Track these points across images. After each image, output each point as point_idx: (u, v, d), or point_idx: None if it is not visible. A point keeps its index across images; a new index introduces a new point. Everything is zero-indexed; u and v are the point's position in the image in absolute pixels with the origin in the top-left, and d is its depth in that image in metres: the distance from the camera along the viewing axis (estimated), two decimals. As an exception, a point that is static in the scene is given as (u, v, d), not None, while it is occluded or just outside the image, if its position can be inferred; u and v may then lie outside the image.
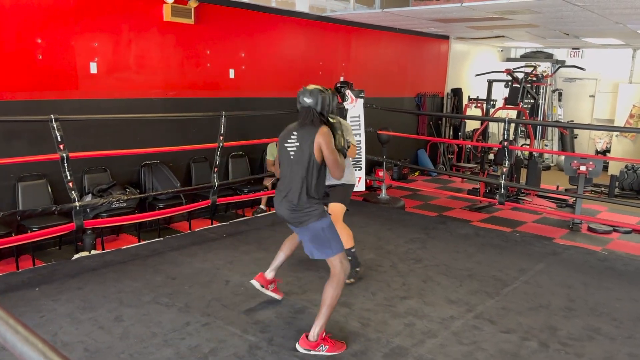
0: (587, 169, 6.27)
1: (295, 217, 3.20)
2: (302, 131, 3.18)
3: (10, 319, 0.78)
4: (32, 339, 0.74)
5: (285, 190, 3.22)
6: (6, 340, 0.75)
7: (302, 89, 3.25)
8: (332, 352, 3.16)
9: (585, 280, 4.50)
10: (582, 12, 6.20)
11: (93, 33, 5.33)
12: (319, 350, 3.15)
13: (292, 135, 3.22)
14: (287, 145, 3.23)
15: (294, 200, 3.16)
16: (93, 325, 3.45)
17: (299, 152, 3.16)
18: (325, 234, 3.19)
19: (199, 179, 6.30)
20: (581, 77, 11.39)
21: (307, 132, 3.15)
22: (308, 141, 3.13)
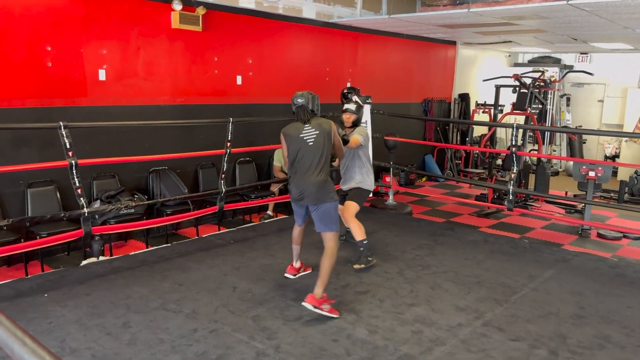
0: (596, 175, 6.22)
1: (319, 195, 3.89)
2: (314, 122, 3.98)
3: (17, 330, 0.77)
4: (40, 352, 0.74)
5: (312, 171, 3.89)
6: (14, 353, 0.75)
7: (295, 94, 4.06)
8: (331, 313, 3.70)
9: (595, 288, 4.46)
10: (590, 17, 6.18)
11: (102, 40, 5.37)
12: (322, 308, 3.68)
13: (305, 127, 3.97)
14: (303, 135, 3.95)
15: (321, 180, 3.89)
16: (101, 331, 3.46)
17: (318, 138, 3.93)
18: (334, 213, 3.95)
19: (207, 185, 6.32)
20: (589, 82, 11.34)
21: (320, 123, 3.99)
22: (325, 130, 3.97)
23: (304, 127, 3.98)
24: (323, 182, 3.91)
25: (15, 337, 0.74)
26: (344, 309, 3.89)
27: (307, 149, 3.94)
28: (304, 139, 3.95)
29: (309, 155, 3.93)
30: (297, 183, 3.97)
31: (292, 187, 4.03)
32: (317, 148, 3.93)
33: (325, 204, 3.91)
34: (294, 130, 4.01)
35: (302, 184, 3.94)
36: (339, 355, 3.22)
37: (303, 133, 3.97)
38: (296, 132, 3.99)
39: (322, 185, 3.90)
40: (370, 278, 4.53)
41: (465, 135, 10.49)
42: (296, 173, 3.98)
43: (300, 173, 3.96)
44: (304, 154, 3.94)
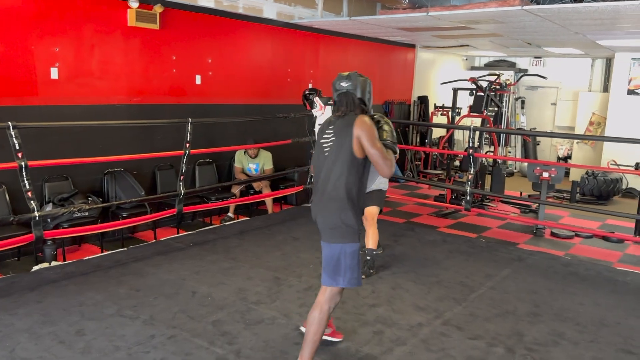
0: (550, 176, 6.41)
1: (327, 227, 2.82)
2: (340, 122, 2.80)
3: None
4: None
5: (322, 192, 2.82)
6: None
7: (337, 75, 2.92)
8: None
9: (549, 286, 4.59)
10: (543, 23, 6.37)
11: (54, 37, 5.18)
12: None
13: (329, 128, 2.85)
14: (323, 141, 2.86)
15: (332, 208, 2.77)
16: (53, 339, 3.32)
17: (335, 147, 2.77)
18: (344, 261, 2.80)
19: (165, 187, 6.18)
20: (543, 85, 11.71)
21: (344, 123, 2.77)
22: (346, 133, 2.73)
23: (328, 127, 2.88)
24: (334, 210, 2.78)
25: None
26: (306, 311, 3.86)
27: (322, 158, 2.86)
28: (322, 145, 2.87)
29: (323, 167, 2.84)
30: (312, 204, 2.96)
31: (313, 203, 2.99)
32: (331, 161, 2.79)
33: (332, 245, 2.82)
34: (322, 128, 2.92)
35: (314, 206, 2.92)
36: (301, 359, 3.20)
37: (324, 137, 2.88)
38: (321, 132, 2.91)
39: (333, 215, 2.78)
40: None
41: (424, 137, 10.65)
42: (315, 187, 2.93)
43: (315, 190, 2.92)
44: (320, 165, 2.88)
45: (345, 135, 2.74)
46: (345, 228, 2.78)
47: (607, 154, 9.75)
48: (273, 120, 7.06)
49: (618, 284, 4.73)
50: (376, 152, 2.69)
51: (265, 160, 6.91)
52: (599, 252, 5.96)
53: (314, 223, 2.96)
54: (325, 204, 2.81)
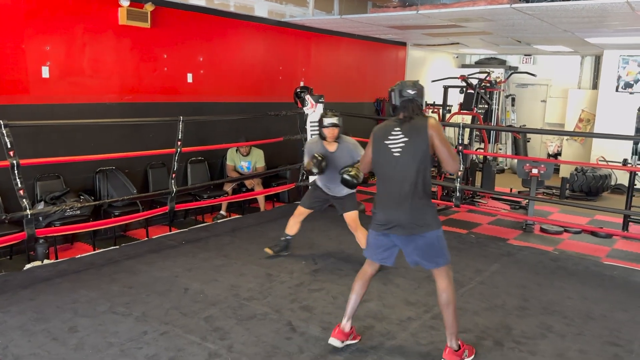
0: (539, 172, 6.49)
1: (416, 222, 3.02)
2: (407, 125, 3.04)
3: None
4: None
5: (396, 194, 3.04)
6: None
7: (398, 82, 3.17)
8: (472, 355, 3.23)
9: (538, 280, 4.65)
10: (532, 21, 6.44)
11: (45, 36, 5.18)
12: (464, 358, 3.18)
13: (394, 131, 3.06)
14: (389, 143, 3.05)
15: (418, 204, 3.02)
16: (46, 336, 3.35)
17: (409, 147, 3.00)
18: (440, 243, 3.09)
19: (157, 185, 6.20)
20: (533, 83, 11.80)
21: (414, 125, 3.02)
22: (419, 134, 2.99)
23: (393, 130, 3.07)
24: (421, 205, 3.04)
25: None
26: (298, 306, 3.91)
27: (391, 160, 3.06)
28: (390, 147, 3.06)
29: (396, 168, 3.04)
30: (384, 206, 3.13)
31: (377, 209, 3.16)
32: (404, 162, 3.01)
33: (426, 232, 3.05)
34: (382, 132, 3.11)
35: (389, 208, 3.09)
36: (292, 353, 3.24)
37: (391, 139, 3.07)
38: (383, 135, 3.09)
39: (420, 209, 3.04)
40: (324, 276, 4.57)
41: (415, 134, 10.67)
42: (382, 192, 3.16)
43: (386, 193, 3.12)
44: (389, 167, 3.08)
45: (419, 135, 3.00)
46: (432, 217, 3.10)
47: (596, 151, 9.86)
48: (265, 118, 7.09)
49: (605, 278, 4.81)
50: (446, 149, 2.99)
51: (257, 158, 6.94)
52: (587, 247, 6.03)
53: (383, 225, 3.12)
54: (410, 202, 3.03)
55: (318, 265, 4.84)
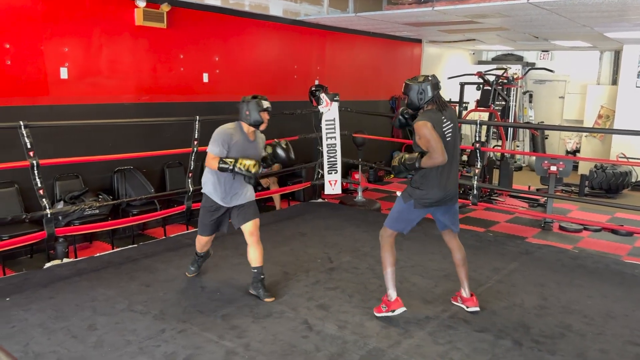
0: (558, 169, 6.40)
1: (455, 192, 3.69)
2: (447, 113, 3.52)
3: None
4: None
5: (454, 169, 3.60)
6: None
7: (430, 77, 3.57)
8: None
9: (557, 279, 4.59)
10: (550, 16, 6.35)
11: (63, 38, 5.25)
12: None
13: (443, 119, 3.48)
14: (445, 130, 3.48)
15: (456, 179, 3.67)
16: (66, 334, 3.39)
17: (454, 132, 3.54)
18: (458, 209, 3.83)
19: (174, 184, 6.25)
20: (551, 79, 11.65)
21: (451, 113, 3.56)
22: (456, 122, 3.58)
23: (442, 118, 3.48)
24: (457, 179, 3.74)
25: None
26: (314, 305, 3.91)
27: (446, 143, 3.47)
28: (445, 132, 3.49)
29: (450, 150, 3.49)
30: (444, 183, 3.56)
31: (435, 189, 3.55)
32: (453, 144, 3.54)
33: (457, 203, 3.78)
34: (437, 120, 3.46)
35: (448, 183, 3.58)
36: (309, 352, 3.24)
37: (444, 126, 3.49)
38: (439, 123, 3.46)
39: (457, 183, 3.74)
40: (340, 274, 4.56)
41: (431, 132, 10.61)
42: (437, 173, 3.53)
43: (445, 172, 3.55)
44: (448, 149, 3.48)
45: (456, 123, 3.58)
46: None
47: (616, 147, 9.70)
48: (280, 117, 7.08)
49: (626, 276, 4.73)
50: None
51: (272, 156, 6.94)
52: (607, 245, 5.94)
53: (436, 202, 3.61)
54: (455, 176, 3.66)
55: (333, 263, 4.83)
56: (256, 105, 3.98)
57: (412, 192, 3.64)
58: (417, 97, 3.52)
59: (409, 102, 3.60)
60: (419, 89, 3.51)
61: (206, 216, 4.07)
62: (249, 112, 3.99)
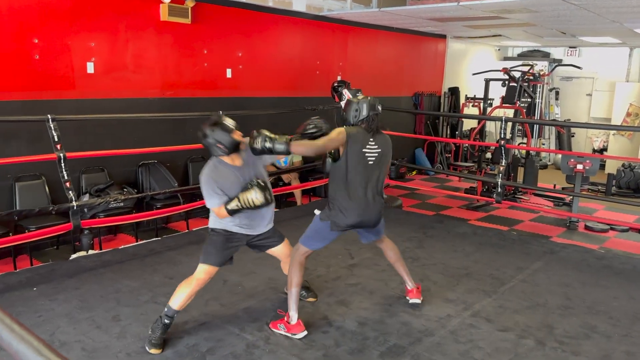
0: (584, 168, 6.28)
1: (379, 218, 3.56)
2: (379, 138, 3.44)
3: (6, 317, 0.78)
4: (28, 337, 0.75)
5: (371, 194, 3.42)
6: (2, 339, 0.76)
7: (369, 98, 3.47)
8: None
9: (582, 279, 4.51)
10: (579, 11, 6.22)
11: (90, 33, 5.33)
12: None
13: (370, 141, 3.39)
14: (366, 151, 3.37)
15: (381, 202, 3.52)
16: (90, 324, 3.46)
17: (380, 157, 3.42)
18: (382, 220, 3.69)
19: (197, 179, 6.26)
20: (578, 75, 11.42)
21: (384, 139, 3.47)
22: (389, 147, 3.49)
23: (368, 140, 3.38)
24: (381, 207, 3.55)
25: (3, 323, 0.74)
26: (334, 300, 3.91)
27: (363, 167, 3.36)
28: (366, 154, 3.37)
29: (363, 174, 3.36)
30: (361, 210, 3.39)
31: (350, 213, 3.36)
32: (377, 167, 3.42)
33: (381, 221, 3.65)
34: (358, 140, 3.34)
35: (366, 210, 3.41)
36: (329, 347, 3.24)
37: (368, 148, 3.38)
38: (361, 144, 3.35)
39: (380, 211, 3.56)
40: (360, 271, 4.55)
41: (455, 129, 10.54)
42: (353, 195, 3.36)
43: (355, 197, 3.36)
44: (357, 173, 3.35)
45: (388, 149, 3.49)
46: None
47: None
48: (302, 113, 7.09)
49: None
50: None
51: (294, 152, 6.94)
52: (635, 245, 5.81)
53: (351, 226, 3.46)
54: (378, 204, 3.48)
55: (354, 259, 4.82)
56: (223, 132, 3.34)
57: (329, 213, 3.44)
58: (352, 113, 3.45)
59: (344, 118, 3.51)
60: (355, 106, 3.44)
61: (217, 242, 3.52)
62: (222, 144, 3.33)
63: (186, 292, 3.31)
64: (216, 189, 3.31)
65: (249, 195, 3.25)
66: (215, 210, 3.36)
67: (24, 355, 0.72)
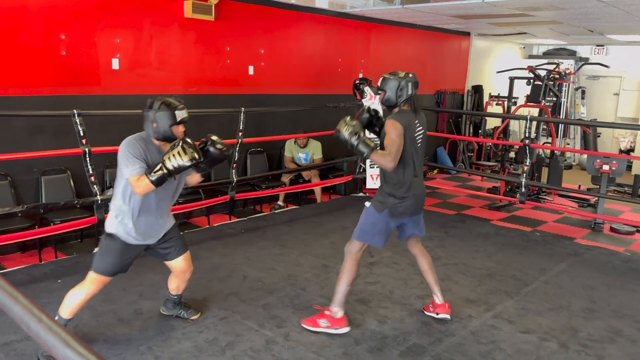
0: (610, 168, 6.15)
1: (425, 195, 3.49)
2: (420, 117, 3.34)
3: (34, 308, 0.79)
4: (56, 328, 0.76)
5: (420, 174, 3.35)
6: (30, 329, 0.77)
7: (411, 74, 3.32)
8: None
9: (607, 282, 4.43)
10: (608, 9, 6.09)
11: (115, 29, 5.39)
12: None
13: (416, 123, 3.28)
14: (416, 135, 3.27)
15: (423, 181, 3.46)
16: (113, 317, 3.50)
17: (424, 136, 3.36)
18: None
19: (218, 175, 6.34)
20: (605, 74, 11.19)
21: (423, 117, 3.38)
22: (426, 124, 3.40)
23: (415, 122, 3.27)
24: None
25: (31, 314, 0.76)
26: (354, 299, 3.90)
27: (415, 150, 3.27)
28: (416, 138, 3.28)
29: (417, 157, 3.29)
30: (416, 192, 3.33)
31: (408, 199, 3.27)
32: (422, 149, 3.35)
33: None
34: (409, 124, 3.22)
35: (419, 192, 3.36)
36: (348, 345, 3.24)
37: (416, 131, 3.28)
38: (411, 127, 3.23)
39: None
40: (380, 269, 4.53)
41: (478, 128, 10.42)
42: (414, 181, 3.29)
43: (417, 180, 3.33)
44: (413, 156, 3.25)
45: (426, 129, 3.38)
46: None
47: (674, 147, 9.24)
48: (323, 110, 7.10)
49: (683, 282, 4.51)
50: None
51: (314, 149, 6.96)
52: (662, 249, 5.67)
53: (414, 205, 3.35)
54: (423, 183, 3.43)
55: (374, 258, 4.80)
56: (167, 117, 3.08)
57: (385, 199, 3.29)
58: (396, 93, 3.25)
59: (385, 98, 3.31)
60: (399, 85, 3.25)
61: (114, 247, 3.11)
62: (157, 125, 3.09)
63: (77, 300, 3.01)
64: (139, 157, 2.94)
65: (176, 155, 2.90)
66: (134, 182, 2.92)
67: (52, 346, 0.73)
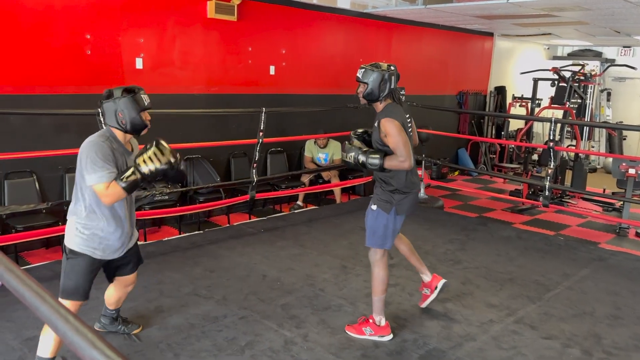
0: (637, 172, 6.03)
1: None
2: (405, 109, 3.27)
3: (61, 308, 0.80)
4: (82, 329, 0.76)
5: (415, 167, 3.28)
6: (57, 329, 0.77)
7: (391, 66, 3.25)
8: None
9: (633, 288, 4.33)
10: (635, 9, 5.96)
11: (139, 29, 5.46)
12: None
13: (406, 116, 3.22)
14: (409, 127, 3.22)
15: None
16: (133, 314, 3.54)
17: (413, 127, 3.34)
18: None
19: (238, 174, 6.38)
20: (632, 76, 10.95)
21: (407, 106, 3.32)
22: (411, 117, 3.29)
23: (405, 115, 3.19)
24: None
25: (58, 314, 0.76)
26: (373, 300, 3.88)
27: (410, 140, 3.18)
28: (409, 131, 3.21)
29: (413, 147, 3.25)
30: (415, 181, 3.28)
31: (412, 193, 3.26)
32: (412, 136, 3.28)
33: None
34: (403, 117, 3.15)
35: (417, 182, 3.31)
36: (367, 347, 3.22)
37: (408, 124, 3.21)
38: (405, 121, 3.17)
39: None
40: (400, 271, 4.50)
41: (500, 129, 10.29)
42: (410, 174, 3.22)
43: (414, 174, 3.27)
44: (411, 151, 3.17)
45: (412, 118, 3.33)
46: None
47: (703, 151, 9.01)
48: (343, 110, 7.08)
49: None
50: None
51: (334, 150, 6.95)
52: (690, 255, 5.53)
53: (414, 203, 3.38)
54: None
55: (394, 260, 4.77)
56: (133, 103, 2.80)
57: (391, 197, 3.21)
58: (379, 87, 3.12)
59: (367, 92, 3.16)
60: (382, 77, 3.12)
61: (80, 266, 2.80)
62: (123, 114, 2.76)
63: (53, 336, 2.68)
64: (108, 160, 2.60)
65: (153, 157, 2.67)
66: (102, 190, 2.57)
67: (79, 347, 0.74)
